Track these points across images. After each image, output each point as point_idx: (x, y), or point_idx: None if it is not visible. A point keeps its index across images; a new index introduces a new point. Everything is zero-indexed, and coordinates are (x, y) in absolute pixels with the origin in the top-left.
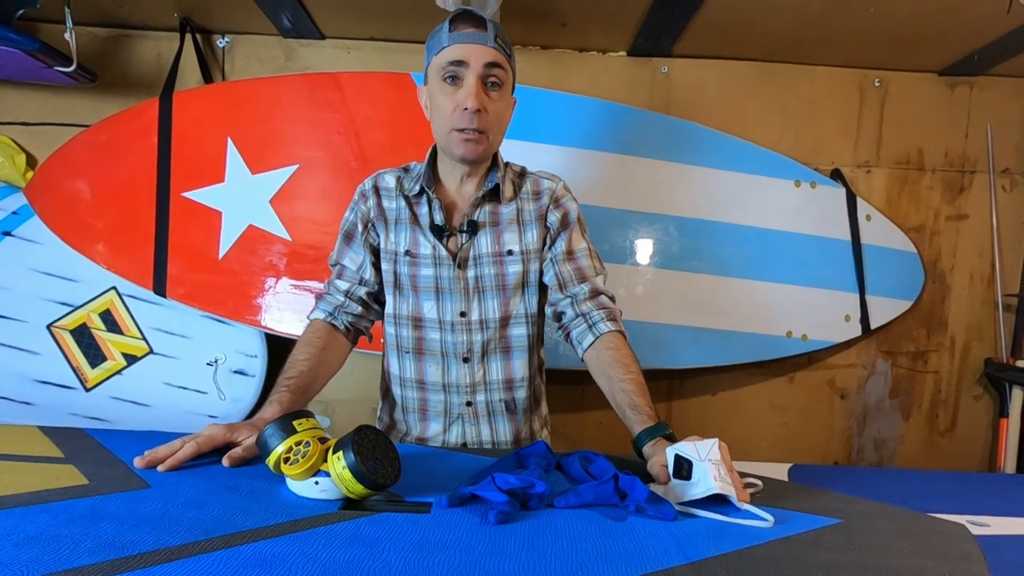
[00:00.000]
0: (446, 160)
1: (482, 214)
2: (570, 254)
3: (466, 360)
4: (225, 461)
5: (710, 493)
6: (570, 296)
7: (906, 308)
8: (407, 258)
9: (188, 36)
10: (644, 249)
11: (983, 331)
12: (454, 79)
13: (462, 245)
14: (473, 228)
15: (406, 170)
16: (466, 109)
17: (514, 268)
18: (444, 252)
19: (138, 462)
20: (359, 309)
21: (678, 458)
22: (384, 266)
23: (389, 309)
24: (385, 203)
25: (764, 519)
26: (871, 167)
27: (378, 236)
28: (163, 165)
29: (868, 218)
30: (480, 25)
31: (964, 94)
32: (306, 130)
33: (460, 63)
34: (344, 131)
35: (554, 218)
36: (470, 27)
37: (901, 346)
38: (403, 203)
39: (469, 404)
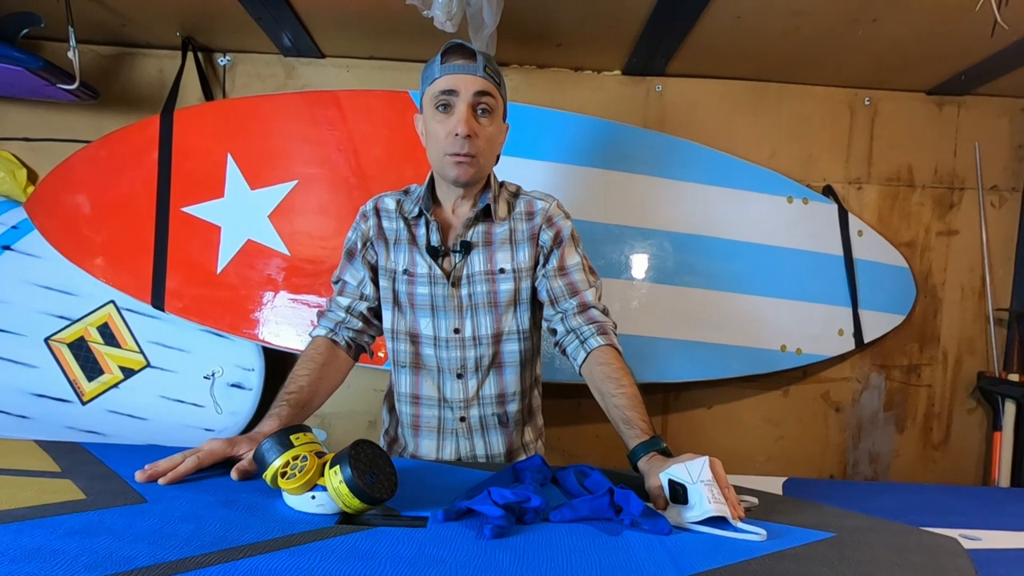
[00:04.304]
0: (442, 183)
1: (475, 234)
2: (561, 270)
3: (460, 376)
4: (234, 474)
5: (706, 517)
6: (561, 312)
7: (899, 322)
8: (405, 276)
9: (190, 54)
10: (639, 264)
11: (975, 345)
12: (446, 107)
13: (456, 264)
14: (466, 248)
15: (406, 192)
16: (457, 135)
17: (506, 286)
18: (439, 271)
19: (139, 476)
20: (360, 324)
21: (672, 483)
22: (382, 283)
23: (387, 324)
24: (385, 224)
25: (757, 533)
26: (862, 184)
27: (376, 255)
28: (163, 180)
29: (860, 233)
30: (470, 57)
31: (952, 113)
32: (305, 147)
33: (451, 92)
34: (343, 148)
35: (546, 237)
36: (460, 59)
37: (894, 360)
38: (402, 224)
39: (463, 419)
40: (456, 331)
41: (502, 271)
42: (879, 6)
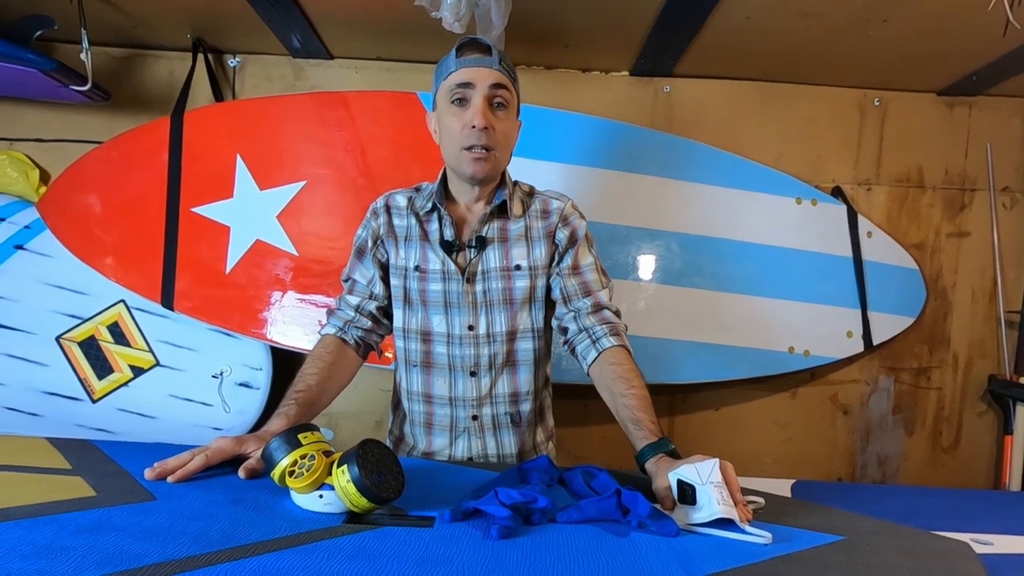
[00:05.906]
0: (456, 180)
1: (491, 230)
2: (575, 269)
3: (473, 374)
4: (241, 473)
5: (714, 518)
6: (574, 311)
7: (908, 324)
8: (417, 273)
9: (200, 56)
10: (646, 265)
11: (985, 348)
12: (462, 101)
13: (471, 260)
14: (482, 243)
15: (417, 190)
16: (474, 127)
17: (521, 283)
18: (453, 267)
19: (148, 474)
20: (369, 323)
21: (681, 483)
22: (393, 281)
23: (398, 323)
24: (396, 221)
25: (762, 536)
26: (871, 185)
27: (387, 252)
28: (173, 181)
29: (869, 235)
30: (485, 51)
31: (963, 114)
32: (313, 147)
33: (467, 85)
34: (351, 149)
35: (562, 235)
36: (475, 52)
37: (904, 362)
38: (413, 221)
39: (475, 418)
40: (470, 328)
41: (518, 268)
42: (889, 6)
